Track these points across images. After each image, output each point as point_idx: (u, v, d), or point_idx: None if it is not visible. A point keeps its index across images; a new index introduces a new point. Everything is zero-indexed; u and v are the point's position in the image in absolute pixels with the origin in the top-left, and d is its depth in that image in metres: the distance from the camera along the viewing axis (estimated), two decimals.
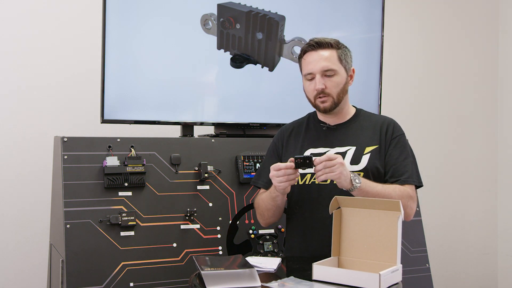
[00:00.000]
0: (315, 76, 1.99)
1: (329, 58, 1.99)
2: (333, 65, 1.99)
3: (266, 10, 2.64)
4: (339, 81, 2.01)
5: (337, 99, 2.02)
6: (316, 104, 2.04)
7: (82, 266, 2.09)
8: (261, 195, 2.11)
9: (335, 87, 2.00)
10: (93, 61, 2.65)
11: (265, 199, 2.06)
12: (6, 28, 2.84)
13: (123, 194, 2.22)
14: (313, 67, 1.99)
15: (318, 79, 1.98)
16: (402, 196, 1.91)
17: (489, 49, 4.05)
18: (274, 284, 1.64)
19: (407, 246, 2.56)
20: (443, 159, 3.91)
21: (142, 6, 2.46)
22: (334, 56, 2.01)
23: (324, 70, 1.98)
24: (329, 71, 1.99)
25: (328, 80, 1.99)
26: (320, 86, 1.98)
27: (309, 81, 2.02)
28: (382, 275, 1.58)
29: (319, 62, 1.98)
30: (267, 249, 2.36)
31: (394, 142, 2.03)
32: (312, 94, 2.02)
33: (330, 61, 1.99)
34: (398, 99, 3.65)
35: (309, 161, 1.81)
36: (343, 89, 2.03)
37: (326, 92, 1.99)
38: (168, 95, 2.53)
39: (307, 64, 2.02)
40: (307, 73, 2.02)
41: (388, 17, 3.04)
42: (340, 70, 2.01)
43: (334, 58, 2.00)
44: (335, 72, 2.00)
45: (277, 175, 1.86)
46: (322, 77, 1.99)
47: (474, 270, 3.99)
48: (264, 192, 2.09)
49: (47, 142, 2.69)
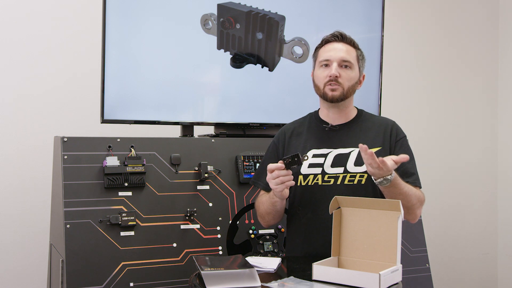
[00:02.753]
0: (331, 63, 2.02)
1: (349, 52, 2.04)
2: (352, 59, 2.03)
3: (266, 10, 2.64)
4: (353, 76, 2.04)
5: (346, 92, 2.03)
6: (324, 91, 2.03)
7: (82, 266, 2.09)
8: (262, 197, 2.11)
9: (348, 80, 2.03)
10: (93, 61, 2.65)
11: (265, 203, 2.06)
12: (6, 28, 2.84)
13: (123, 194, 2.22)
14: (332, 55, 2.02)
15: (334, 66, 2.01)
16: (418, 198, 1.94)
17: (489, 49, 4.05)
18: (274, 284, 1.64)
19: (407, 246, 2.56)
20: (443, 159, 3.91)
21: (142, 6, 2.46)
22: (354, 53, 2.06)
23: (343, 60, 2.02)
24: (347, 62, 2.02)
25: (343, 71, 2.02)
26: (336, 72, 2.00)
27: (323, 68, 2.04)
28: (382, 275, 1.58)
29: (340, 52, 2.03)
30: (267, 249, 2.36)
31: (399, 144, 2.04)
32: (323, 80, 2.03)
33: (350, 55, 2.04)
34: (398, 99, 3.65)
35: (297, 158, 1.83)
36: (353, 87, 2.06)
37: (339, 81, 2.01)
38: (168, 95, 2.53)
39: (327, 51, 2.04)
40: (324, 59, 2.03)
41: (388, 17, 3.04)
42: (356, 67, 2.05)
43: (354, 55, 2.05)
44: (352, 66, 2.03)
45: (272, 177, 1.87)
46: (338, 66, 2.01)
47: (474, 270, 3.99)
48: (265, 194, 2.09)
49: (47, 142, 2.70)
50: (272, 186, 1.89)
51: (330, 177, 2.00)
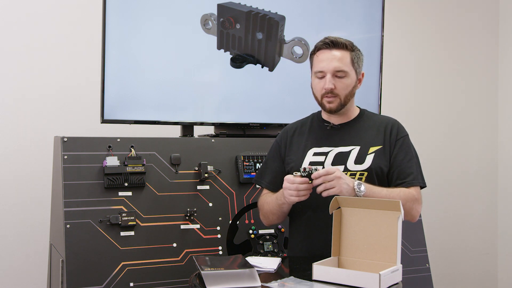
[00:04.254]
0: (325, 74, 1.99)
1: (342, 59, 1.99)
2: (345, 67, 1.99)
3: (266, 10, 2.64)
4: (349, 84, 2.01)
5: (344, 101, 2.02)
6: (322, 103, 2.04)
7: (82, 266, 2.09)
8: (266, 197, 2.10)
9: (344, 89, 2.00)
10: (93, 61, 2.65)
11: (270, 203, 2.05)
12: (6, 28, 2.84)
13: (123, 194, 2.22)
14: (325, 66, 1.99)
15: (328, 79, 1.98)
16: (407, 199, 1.91)
17: (489, 49, 4.05)
18: (274, 284, 1.64)
19: (407, 246, 2.56)
20: (443, 159, 3.91)
21: (142, 6, 2.46)
22: (347, 58, 2.00)
23: (336, 70, 1.98)
24: (340, 72, 1.99)
25: (338, 81, 1.99)
26: (330, 86, 1.98)
27: (319, 79, 2.02)
28: (382, 275, 1.58)
29: (332, 61, 1.98)
30: (267, 249, 2.36)
31: (399, 143, 2.03)
32: (320, 92, 2.02)
33: (343, 62, 1.99)
34: (398, 99, 3.65)
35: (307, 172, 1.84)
36: (351, 92, 2.04)
37: (335, 93, 1.99)
38: (168, 95, 2.53)
39: (320, 61, 2.01)
40: (318, 71, 2.01)
41: (388, 17, 3.04)
42: (351, 72, 2.01)
43: (347, 60, 2.00)
44: (346, 74, 2.00)
45: (289, 188, 1.86)
46: (332, 77, 1.98)
47: (474, 270, 3.99)
48: (269, 194, 2.09)
49: (47, 142, 2.69)
50: (286, 195, 1.89)
51: None
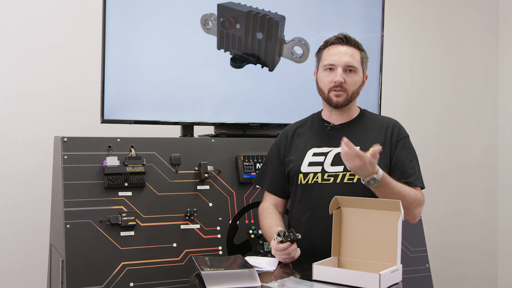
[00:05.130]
0: (336, 68, 2.00)
1: (353, 56, 2.03)
2: (356, 63, 2.02)
3: (266, 10, 2.64)
4: (357, 80, 2.04)
5: (350, 97, 2.03)
6: (329, 96, 2.04)
7: (82, 266, 2.09)
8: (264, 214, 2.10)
9: (353, 85, 2.02)
10: (93, 61, 2.65)
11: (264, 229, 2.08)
12: (6, 28, 2.84)
13: (123, 194, 2.22)
14: (337, 60, 2.01)
15: (339, 72, 1.99)
16: (415, 199, 1.93)
17: (489, 49, 4.05)
18: (274, 284, 1.64)
19: (407, 246, 2.56)
20: (443, 159, 3.91)
21: (142, 6, 2.46)
22: (358, 56, 2.04)
23: (347, 65, 2.00)
24: (352, 67, 2.01)
25: (348, 76, 2.01)
26: (340, 79, 1.99)
27: (328, 72, 2.03)
28: (382, 275, 1.58)
29: (344, 56, 2.01)
30: (267, 249, 2.36)
31: (400, 144, 2.03)
32: (328, 85, 2.03)
33: (354, 58, 2.02)
34: (398, 99, 3.65)
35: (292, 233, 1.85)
36: (358, 90, 2.06)
37: (344, 87, 2.01)
38: (168, 95, 2.53)
39: (331, 55, 2.02)
40: (329, 64, 2.02)
41: (388, 17, 3.04)
42: (360, 71, 2.04)
43: (358, 58, 2.04)
44: (356, 71, 2.02)
45: (280, 254, 1.88)
46: (343, 72, 2.00)
47: (474, 270, 3.99)
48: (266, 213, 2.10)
49: (47, 142, 2.69)
50: (279, 259, 1.90)
51: (329, 175, 2.01)
